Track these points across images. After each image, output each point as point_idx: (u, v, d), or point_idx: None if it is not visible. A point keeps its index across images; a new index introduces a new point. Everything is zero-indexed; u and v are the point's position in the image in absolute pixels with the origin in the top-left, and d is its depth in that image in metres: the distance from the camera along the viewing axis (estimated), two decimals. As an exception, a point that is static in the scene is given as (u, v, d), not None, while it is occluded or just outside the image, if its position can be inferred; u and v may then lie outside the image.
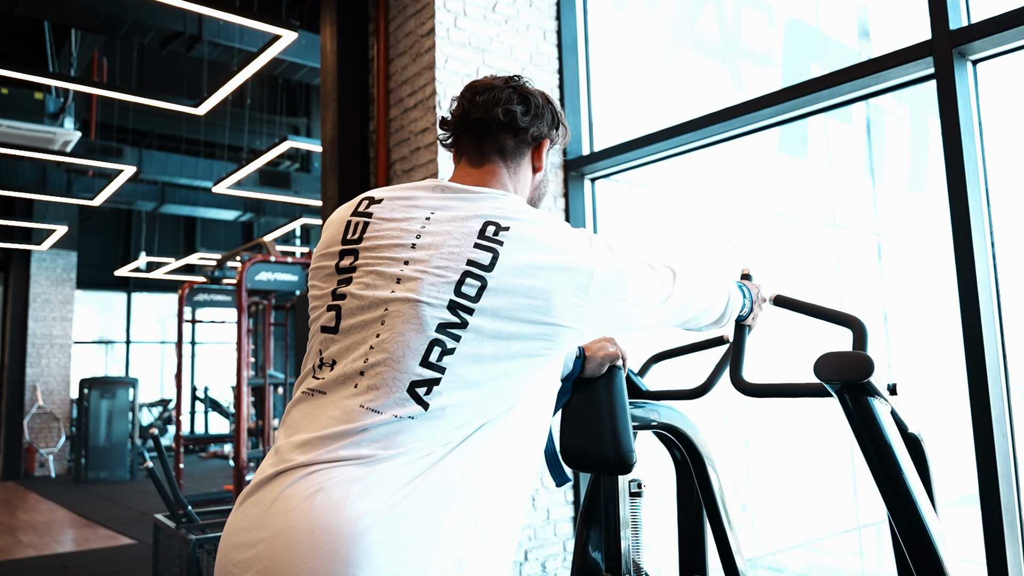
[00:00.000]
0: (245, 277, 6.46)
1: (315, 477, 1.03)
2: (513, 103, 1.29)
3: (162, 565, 3.83)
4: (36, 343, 11.94)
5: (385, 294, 1.14)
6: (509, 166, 1.32)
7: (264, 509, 1.04)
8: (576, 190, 3.93)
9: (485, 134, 1.30)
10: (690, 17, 5.41)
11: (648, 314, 1.31)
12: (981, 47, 2.47)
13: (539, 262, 1.14)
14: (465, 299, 1.11)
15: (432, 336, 1.10)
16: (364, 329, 1.14)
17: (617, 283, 1.21)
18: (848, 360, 1.42)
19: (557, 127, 1.37)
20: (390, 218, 1.22)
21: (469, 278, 1.12)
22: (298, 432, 1.11)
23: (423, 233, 1.18)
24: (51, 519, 8.01)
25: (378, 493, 1.01)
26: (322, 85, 4.31)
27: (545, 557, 3.57)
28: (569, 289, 1.15)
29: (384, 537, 0.98)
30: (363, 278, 1.18)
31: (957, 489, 5.00)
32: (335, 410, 1.10)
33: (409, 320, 1.11)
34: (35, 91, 7.90)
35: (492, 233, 1.16)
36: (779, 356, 4.52)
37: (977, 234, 2.40)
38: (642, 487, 1.74)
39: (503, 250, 1.14)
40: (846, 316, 1.63)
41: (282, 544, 0.99)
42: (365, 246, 1.21)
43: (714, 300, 1.49)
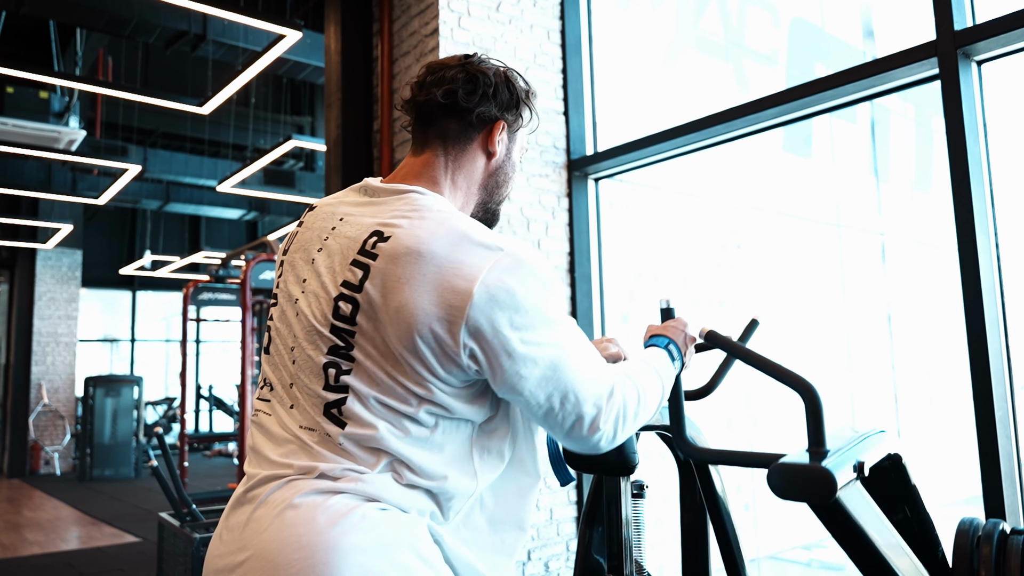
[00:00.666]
0: (249, 276, 6.47)
1: (281, 492, 1.04)
2: (458, 83, 1.19)
3: (166, 563, 3.84)
4: (41, 341, 11.97)
5: (291, 316, 1.14)
6: (449, 153, 1.21)
7: (239, 532, 1.05)
8: (580, 190, 3.93)
9: (428, 118, 1.22)
10: (694, 16, 5.41)
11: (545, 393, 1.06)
12: (986, 48, 2.46)
13: (408, 277, 1.01)
14: (344, 322, 1.06)
15: (326, 359, 1.07)
16: (284, 351, 1.15)
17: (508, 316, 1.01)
18: (807, 481, 1.21)
19: (515, 107, 1.23)
20: (310, 228, 1.19)
21: (341, 301, 1.06)
22: (257, 453, 1.13)
23: (323, 246, 1.13)
24: (56, 517, 8.04)
25: (347, 502, 1.01)
26: (326, 84, 4.31)
27: (548, 557, 3.58)
28: (437, 311, 1.00)
29: (359, 542, 0.98)
30: (282, 298, 1.18)
31: (960, 490, 4.99)
32: (280, 430, 1.11)
33: (308, 344, 1.09)
34: (40, 90, 7.92)
35: (371, 246, 1.06)
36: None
37: (981, 234, 2.39)
38: (645, 488, 1.74)
39: (373, 266, 1.04)
40: (795, 379, 1.30)
41: (260, 565, 0.99)
42: (288, 259, 1.20)
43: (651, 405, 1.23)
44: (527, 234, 3.71)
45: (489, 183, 1.26)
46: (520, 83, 1.26)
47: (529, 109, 1.27)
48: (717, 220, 5.48)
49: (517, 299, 1.01)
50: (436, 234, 1.04)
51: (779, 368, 1.31)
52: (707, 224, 5.40)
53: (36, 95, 7.85)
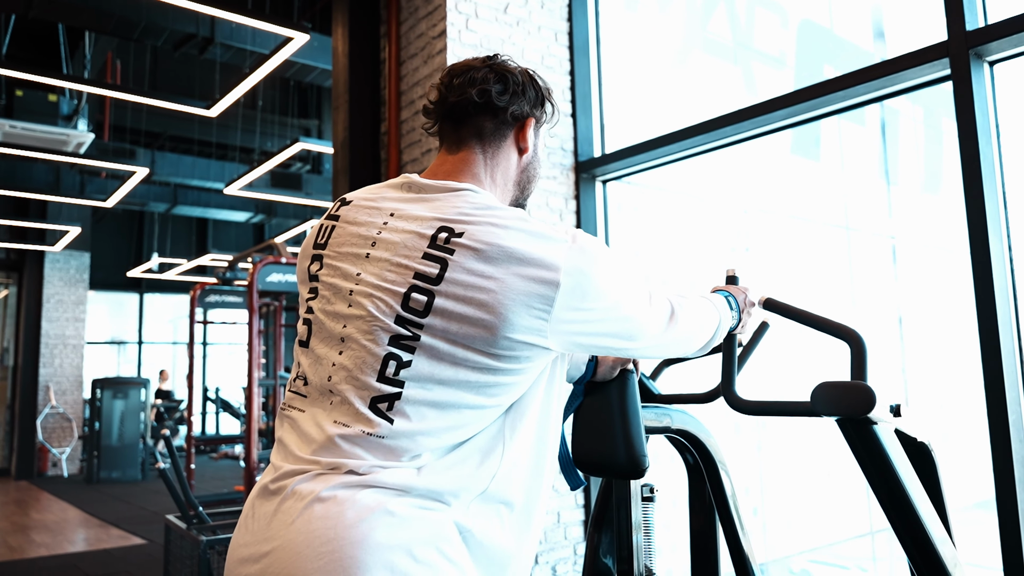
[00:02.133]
0: (256, 278, 6.48)
1: (309, 485, 1.04)
2: (490, 82, 1.22)
3: (173, 566, 3.84)
4: (49, 343, 12.01)
5: (343, 308, 1.13)
6: (487, 150, 1.24)
7: (265, 523, 1.05)
8: (587, 192, 3.92)
9: (462, 117, 1.24)
10: (702, 18, 5.39)
11: (633, 340, 1.19)
12: (998, 48, 2.44)
13: (492, 271, 1.05)
14: (413, 314, 1.06)
15: (386, 351, 1.07)
16: (328, 344, 1.13)
17: (589, 294, 1.08)
18: (848, 392, 1.31)
19: (542, 104, 1.29)
20: (353, 221, 1.19)
21: (415, 292, 1.07)
22: (286, 448, 1.12)
23: (378, 240, 1.14)
24: (63, 519, 8.05)
25: (375, 497, 1.01)
26: (334, 87, 4.32)
27: (556, 560, 3.56)
28: (527, 301, 1.05)
29: (382, 540, 0.98)
30: (325, 291, 1.17)
31: (973, 494, 4.95)
32: (312, 427, 1.10)
33: (364, 335, 1.09)
34: (49, 93, 7.96)
35: (443, 240, 1.08)
36: (785, 356, 4.50)
37: (994, 237, 2.37)
38: (654, 491, 1.72)
39: (452, 260, 1.06)
40: (843, 328, 1.46)
41: (285, 557, 0.99)
42: (328, 253, 1.19)
43: (705, 330, 1.37)
44: (534, 236, 3.69)
45: (521, 179, 1.31)
46: (541, 81, 1.31)
47: (552, 105, 1.32)
48: (725, 223, 5.46)
49: (593, 281, 1.08)
50: (511, 229, 1.08)
51: (829, 321, 1.50)
52: (715, 227, 5.37)
53: (45, 98, 7.88)
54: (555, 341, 1.09)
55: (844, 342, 1.43)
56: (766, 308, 1.61)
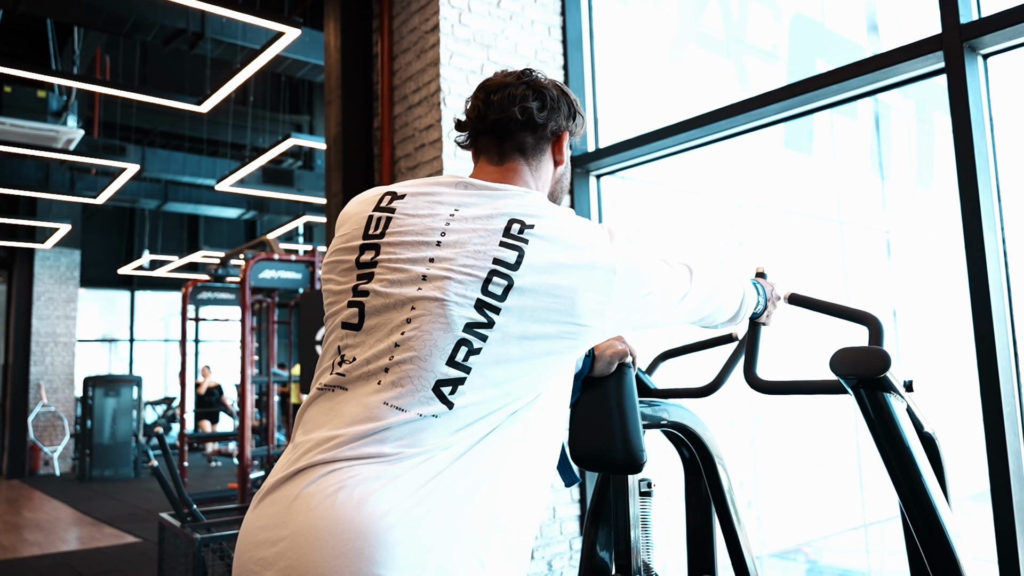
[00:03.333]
0: (248, 275, 6.45)
1: (337, 475, 1.02)
2: (529, 100, 1.28)
3: (167, 564, 3.82)
4: (40, 341, 11.95)
5: (411, 291, 1.13)
6: (531, 163, 1.31)
7: (284, 507, 1.03)
8: (581, 187, 3.91)
9: (504, 134, 1.29)
10: (695, 12, 5.39)
11: (667, 311, 1.30)
12: (992, 41, 2.44)
13: (564, 260, 1.14)
14: (492, 298, 1.11)
15: (459, 336, 1.09)
16: (389, 326, 1.13)
17: (638, 280, 1.20)
18: (865, 355, 1.40)
19: (574, 117, 1.35)
20: (413, 214, 1.21)
21: (496, 276, 1.11)
22: (318, 429, 1.10)
23: (448, 231, 1.17)
24: (56, 517, 8.02)
25: (400, 491, 1.00)
26: (326, 82, 4.29)
27: (551, 556, 3.56)
28: (592, 287, 1.14)
29: (407, 535, 0.98)
30: (387, 275, 1.16)
31: (967, 486, 4.98)
32: (357, 407, 1.09)
33: (437, 319, 1.10)
34: (38, 89, 7.90)
35: (517, 231, 1.15)
36: (792, 355, 4.51)
37: (988, 230, 2.37)
38: (652, 486, 1.72)
39: (528, 248, 1.13)
40: (862, 313, 1.61)
41: (304, 542, 0.98)
42: (388, 241, 1.19)
43: (729, 297, 1.48)
44: (528, 231, 3.69)
45: (555, 189, 1.39)
46: (572, 94, 1.37)
47: (582, 116, 1.39)
48: (719, 217, 5.46)
49: (639, 268, 1.20)
50: (577, 226, 1.18)
51: (849, 309, 1.66)
52: (709, 221, 5.38)
53: (34, 94, 7.82)
54: (611, 321, 1.19)
55: (863, 325, 1.58)
56: (791, 302, 1.75)
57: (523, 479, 1.13)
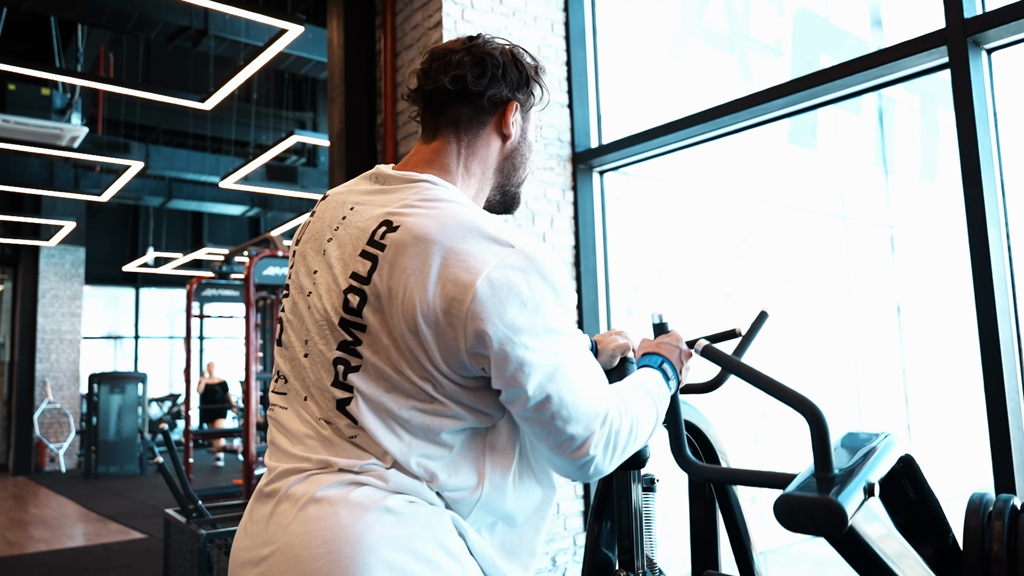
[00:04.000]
0: (253, 272, 6.47)
1: (303, 486, 1.03)
2: (465, 67, 1.14)
3: (173, 560, 3.84)
4: (45, 339, 11.99)
5: (303, 309, 1.12)
6: (462, 139, 1.17)
7: (263, 526, 1.05)
8: (584, 183, 3.91)
9: (438, 106, 1.18)
10: (698, 7, 5.38)
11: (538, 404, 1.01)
12: (996, 36, 2.44)
13: (413, 268, 0.98)
14: (352, 315, 1.03)
15: (335, 355, 1.05)
16: (297, 344, 1.13)
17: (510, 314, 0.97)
18: (814, 514, 1.13)
19: (526, 85, 1.20)
20: (321, 217, 1.17)
21: (350, 293, 1.03)
22: (277, 447, 1.12)
23: (334, 237, 1.11)
24: (62, 514, 8.05)
25: (369, 495, 1.00)
26: (329, 79, 4.30)
27: (555, 551, 3.57)
28: (440, 303, 0.97)
29: (383, 536, 0.98)
30: (292, 290, 1.16)
31: (971, 483, 4.97)
32: (298, 423, 1.10)
33: (320, 338, 1.08)
34: (42, 87, 7.91)
35: (380, 236, 1.03)
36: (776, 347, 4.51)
37: (992, 225, 2.37)
38: (655, 482, 1.72)
39: (382, 256, 1.01)
40: (799, 400, 1.22)
41: (284, 559, 0.99)
42: (300, 250, 1.18)
43: (644, 433, 1.17)
44: (532, 228, 3.69)
45: (505, 166, 1.23)
46: (528, 60, 1.22)
47: (540, 86, 1.23)
48: (722, 213, 5.45)
49: (522, 298, 0.98)
50: (445, 224, 1.01)
51: (781, 387, 1.25)
52: (712, 217, 5.37)
53: (38, 92, 7.84)
54: (468, 357, 0.99)
55: (800, 414, 1.22)
56: (705, 356, 1.40)
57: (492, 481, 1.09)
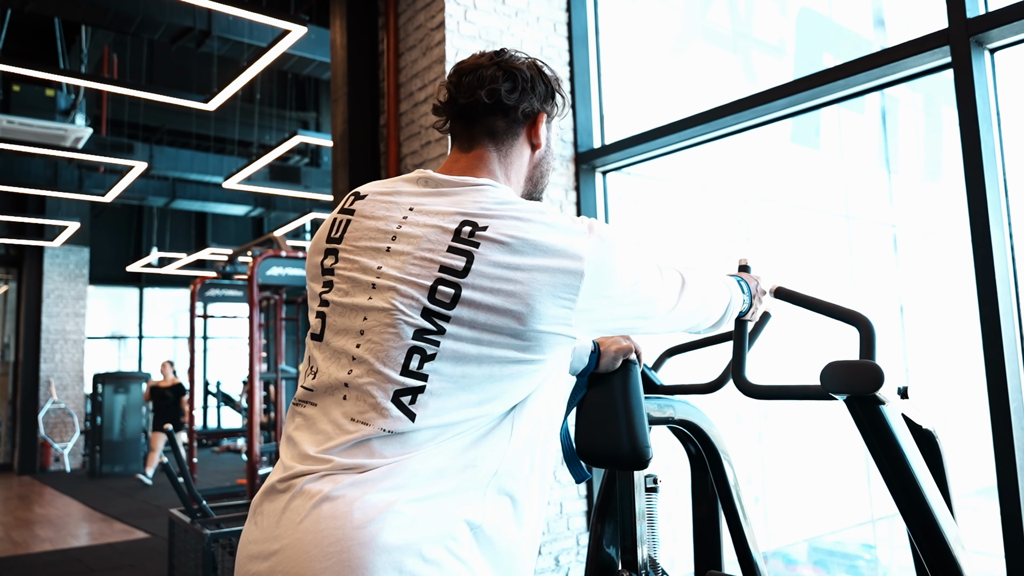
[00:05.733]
0: (256, 272, 6.48)
1: (318, 484, 1.03)
2: (499, 81, 1.21)
3: (178, 559, 3.85)
4: (50, 339, 12.02)
5: (362, 301, 1.12)
6: (500, 149, 1.24)
7: (274, 521, 1.05)
8: (587, 183, 3.91)
9: (473, 118, 1.24)
10: (701, 7, 5.37)
11: (649, 318, 1.22)
12: (999, 35, 2.44)
13: (519, 263, 1.06)
14: (439, 306, 1.07)
15: (410, 344, 1.07)
16: (345, 337, 1.12)
17: (612, 280, 1.11)
18: (856, 370, 1.32)
19: (551, 97, 1.28)
20: (370, 215, 1.19)
21: (441, 285, 1.07)
22: (297, 444, 1.12)
23: (398, 234, 1.14)
24: (66, 513, 8.07)
25: (381, 498, 1.01)
26: (332, 79, 4.30)
27: (558, 551, 3.57)
28: (553, 291, 1.07)
29: (390, 540, 0.98)
30: (342, 284, 1.16)
31: (974, 481, 4.97)
32: (327, 424, 1.09)
33: (386, 328, 1.08)
34: (46, 88, 7.93)
35: (468, 234, 1.09)
36: (790, 345, 4.50)
37: (995, 225, 2.37)
38: (658, 482, 1.72)
39: (478, 253, 1.07)
40: (852, 313, 1.48)
41: (294, 556, 1.00)
42: (344, 247, 1.18)
43: (717, 304, 1.41)
44: (535, 228, 3.69)
45: (534, 174, 1.31)
46: (549, 72, 1.30)
47: (562, 97, 1.31)
48: (726, 212, 5.45)
49: (614, 268, 1.11)
50: (533, 222, 1.09)
51: (838, 307, 1.52)
52: (715, 216, 5.37)
53: (42, 93, 7.86)
54: (579, 328, 1.12)
55: (853, 326, 1.45)
56: (777, 296, 1.64)
57: (512, 483, 1.11)
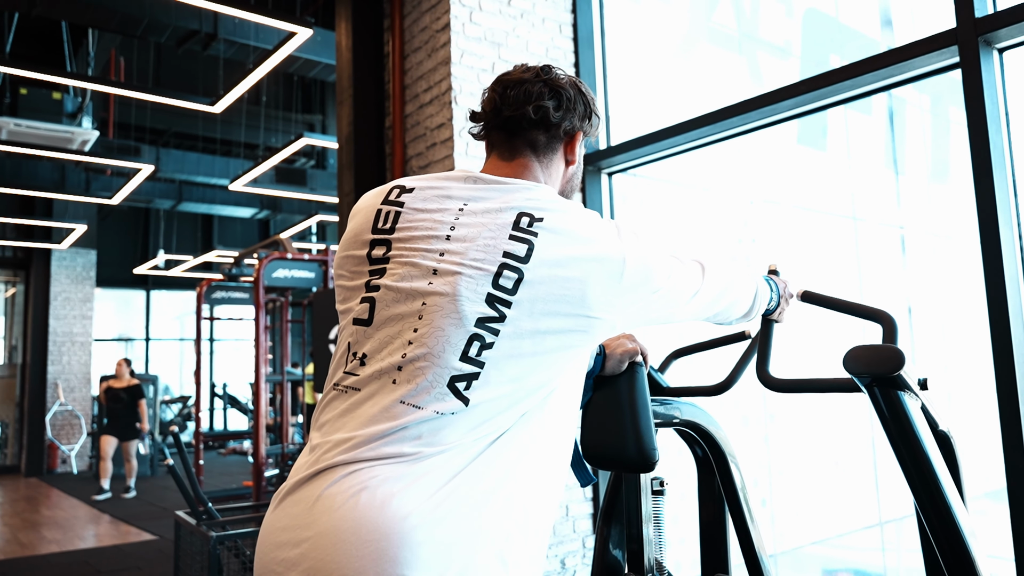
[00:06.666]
0: (262, 274, 6.49)
1: (358, 475, 1.02)
2: (544, 98, 1.27)
3: (183, 561, 3.86)
4: (57, 341, 12.06)
5: (422, 286, 1.13)
6: (541, 160, 1.30)
7: (306, 508, 1.04)
8: (593, 185, 3.91)
9: (516, 131, 1.28)
10: (707, 8, 5.36)
11: (679, 306, 1.29)
12: (1008, 35, 2.42)
13: (574, 253, 1.13)
14: (503, 292, 1.10)
15: (471, 331, 1.09)
16: (400, 322, 1.12)
17: (648, 273, 1.19)
18: (878, 353, 1.39)
19: (590, 117, 1.34)
20: (423, 208, 1.21)
21: (506, 270, 1.11)
22: (336, 430, 1.10)
23: (457, 224, 1.17)
24: (73, 515, 8.09)
25: (423, 491, 1.01)
26: (338, 81, 4.31)
27: (564, 554, 3.56)
28: (603, 280, 1.14)
29: (430, 535, 0.98)
30: (398, 269, 1.16)
31: (983, 484, 4.94)
32: (373, 407, 1.09)
33: (448, 314, 1.10)
34: (53, 91, 7.96)
35: (527, 224, 1.15)
36: (805, 354, 4.48)
37: (1004, 226, 2.35)
38: (664, 485, 1.72)
39: (538, 241, 1.13)
40: (875, 311, 1.59)
41: (328, 543, 0.98)
42: (398, 236, 1.19)
43: (742, 294, 1.47)
44: (540, 229, 3.68)
45: (566, 188, 1.37)
46: (588, 93, 1.35)
47: (598, 116, 1.36)
48: (731, 214, 5.44)
49: (648, 262, 1.19)
50: (585, 219, 1.18)
51: (862, 306, 1.63)
52: (721, 218, 5.36)
53: (49, 96, 7.89)
54: (621, 315, 1.18)
55: (877, 323, 1.56)
56: (804, 300, 1.73)
57: (540, 476, 1.13)
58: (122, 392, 9.06)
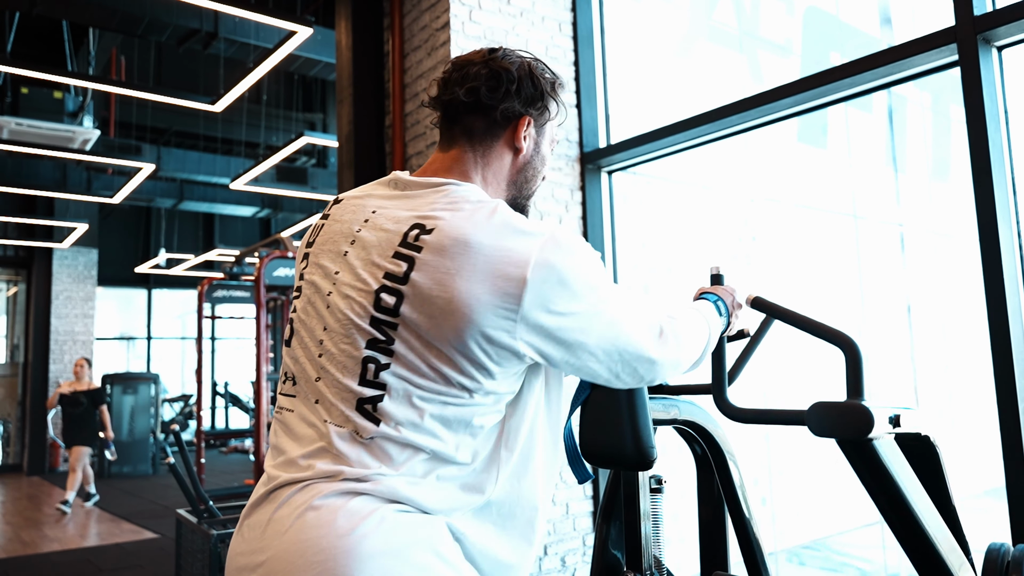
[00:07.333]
0: (263, 273, 6.50)
1: (302, 495, 1.03)
2: (480, 80, 1.17)
3: (184, 559, 3.87)
4: (59, 340, 12.07)
5: (322, 309, 1.12)
6: (476, 149, 1.20)
7: (260, 532, 1.05)
8: (593, 183, 3.91)
9: (454, 116, 1.20)
10: (707, 7, 5.36)
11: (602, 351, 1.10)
12: (1007, 33, 2.42)
13: (458, 268, 1.01)
14: (385, 314, 1.04)
15: (364, 354, 1.05)
16: (310, 345, 1.12)
17: (562, 293, 1.03)
18: (844, 415, 1.26)
19: (540, 100, 1.21)
20: (339, 220, 1.17)
21: (384, 293, 1.04)
22: (280, 452, 1.11)
23: (356, 239, 1.12)
24: (75, 514, 8.11)
25: (365, 504, 1.00)
26: (337, 80, 4.31)
27: (565, 552, 3.57)
28: (492, 299, 1.00)
29: (378, 546, 0.98)
30: (307, 290, 1.16)
31: (982, 482, 4.94)
32: (305, 427, 1.09)
33: (342, 338, 1.07)
34: (54, 90, 7.97)
35: (414, 238, 1.05)
36: (784, 343, 4.48)
37: (1003, 224, 2.35)
38: (663, 483, 1.72)
39: (419, 258, 1.03)
40: (836, 333, 1.37)
41: (279, 567, 0.99)
42: (315, 251, 1.18)
43: (695, 348, 1.27)
44: (540, 228, 3.69)
45: (518, 179, 1.25)
46: (546, 75, 1.24)
47: (555, 101, 1.25)
48: (732, 212, 5.44)
49: (567, 279, 1.03)
50: (480, 224, 1.04)
51: (821, 326, 1.40)
52: (722, 216, 5.36)
53: (50, 95, 7.90)
54: (526, 346, 1.04)
55: (838, 348, 1.36)
56: (755, 307, 1.55)
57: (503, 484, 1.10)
58: (82, 396, 8.24)
